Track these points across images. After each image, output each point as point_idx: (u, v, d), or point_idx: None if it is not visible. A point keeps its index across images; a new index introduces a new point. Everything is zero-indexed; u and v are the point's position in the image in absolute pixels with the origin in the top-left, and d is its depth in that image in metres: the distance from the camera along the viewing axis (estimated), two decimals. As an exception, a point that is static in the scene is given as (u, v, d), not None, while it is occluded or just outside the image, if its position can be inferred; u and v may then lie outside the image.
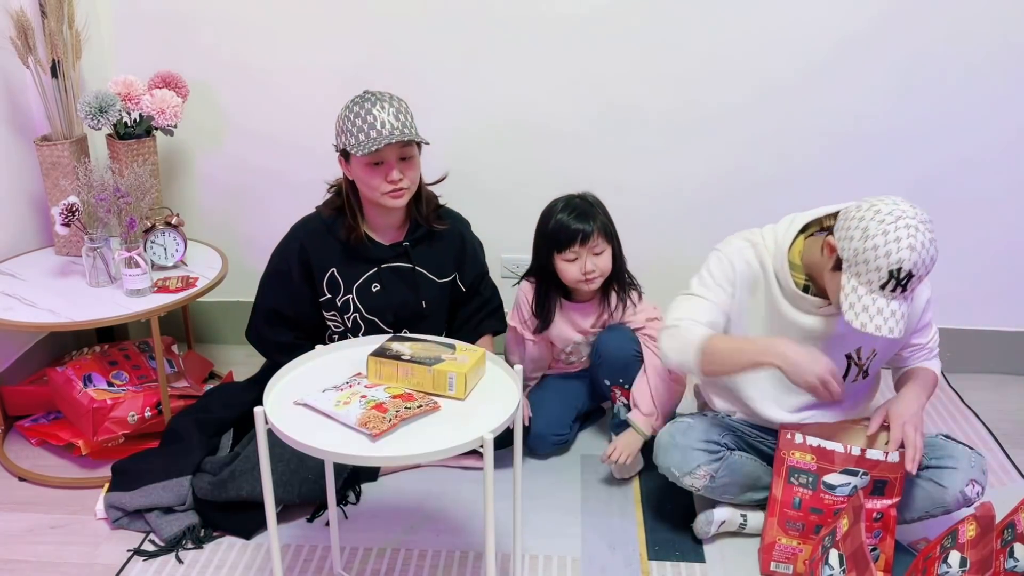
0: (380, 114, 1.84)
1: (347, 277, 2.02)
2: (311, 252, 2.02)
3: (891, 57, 2.40)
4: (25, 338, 2.48)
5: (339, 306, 2.04)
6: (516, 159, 2.56)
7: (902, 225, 1.55)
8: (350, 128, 1.86)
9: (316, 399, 1.46)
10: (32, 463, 2.21)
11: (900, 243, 1.54)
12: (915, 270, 1.55)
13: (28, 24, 2.25)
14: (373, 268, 2.02)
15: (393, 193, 1.91)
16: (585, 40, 2.43)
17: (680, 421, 1.93)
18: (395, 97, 1.90)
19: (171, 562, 1.88)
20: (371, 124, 1.84)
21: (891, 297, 1.58)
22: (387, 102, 1.87)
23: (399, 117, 1.86)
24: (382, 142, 1.83)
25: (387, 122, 1.84)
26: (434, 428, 1.42)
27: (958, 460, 1.79)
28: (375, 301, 2.02)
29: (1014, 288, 2.64)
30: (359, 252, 2.02)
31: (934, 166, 2.51)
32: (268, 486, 1.47)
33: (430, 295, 2.08)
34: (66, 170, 2.33)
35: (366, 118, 1.84)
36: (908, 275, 1.55)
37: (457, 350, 1.56)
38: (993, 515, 1.56)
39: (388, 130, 1.84)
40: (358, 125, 1.85)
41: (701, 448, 1.86)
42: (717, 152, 2.53)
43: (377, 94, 1.88)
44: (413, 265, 2.04)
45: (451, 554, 1.91)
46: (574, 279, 2.08)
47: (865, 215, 1.58)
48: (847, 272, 1.61)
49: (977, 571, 1.53)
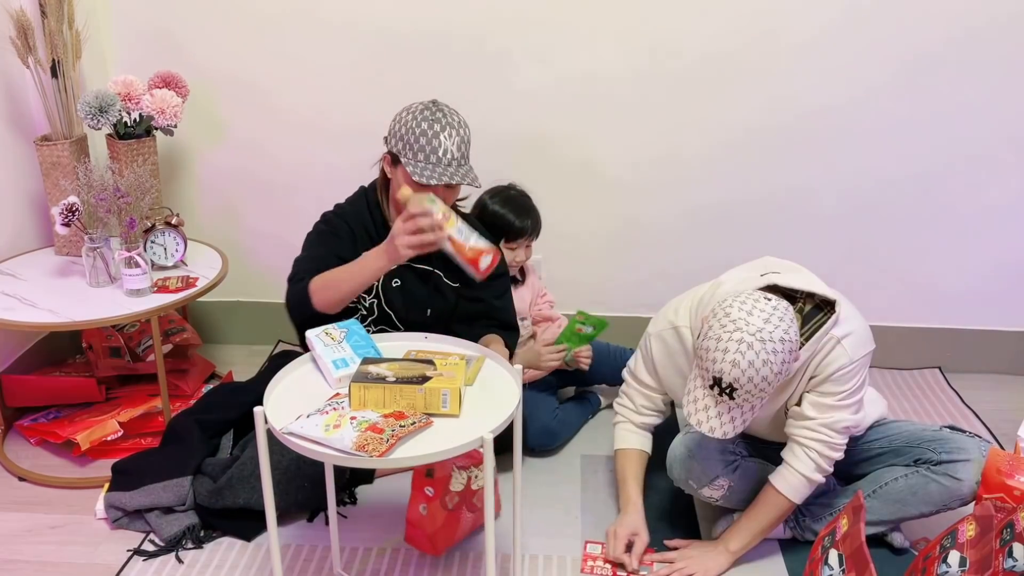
0: (445, 141, 1.80)
1: None
2: (354, 230, 1.99)
3: (891, 56, 2.41)
4: (25, 338, 2.48)
5: None
6: (516, 158, 2.57)
7: (736, 339, 1.54)
8: (411, 143, 1.82)
9: (303, 426, 1.38)
10: (32, 463, 2.21)
11: (726, 355, 1.55)
12: (736, 384, 1.55)
13: (28, 24, 2.25)
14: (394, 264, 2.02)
15: None
16: (582, 39, 2.44)
17: (693, 433, 1.89)
18: (462, 122, 1.85)
19: (171, 562, 1.88)
20: (434, 149, 1.80)
21: (717, 400, 1.60)
22: (454, 129, 1.82)
23: (461, 148, 1.83)
24: (440, 178, 1.80)
25: (450, 151, 1.81)
26: (434, 429, 1.42)
27: (970, 452, 1.80)
28: (394, 295, 2.01)
29: (1014, 288, 2.64)
30: None
31: (934, 166, 2.51)
32: (268, 485, 1.47)
33: (443, 302, 2.07)
34: (66, 170, 2.33)
35: (431, 140, 1.80)
36: (730, 387, 1.56)
37: (437, 364, 1.51)
38: (992, 515, 1.56)
39: (448, 159, 1.81)
40: (421, 144, 1.81)
41: (718, 459, 1.85)
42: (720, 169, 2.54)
43: (447, 115, 1.83)
44: (432, 268, 2.04)
45: (451, 554, 1.91)
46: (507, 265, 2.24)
47: (717, 312, 1.60)
48: (695, 360, 1.64)
49: (976, 571, 1.53)
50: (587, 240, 2.65)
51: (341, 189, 2.06)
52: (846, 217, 2.58)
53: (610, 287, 2.71)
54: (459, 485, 1.84)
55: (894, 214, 2.57)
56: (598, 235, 2.65)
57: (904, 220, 2.58)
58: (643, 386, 1.96)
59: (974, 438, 1.83)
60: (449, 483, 1.82)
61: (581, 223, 2.62)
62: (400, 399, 1.44)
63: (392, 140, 1.87)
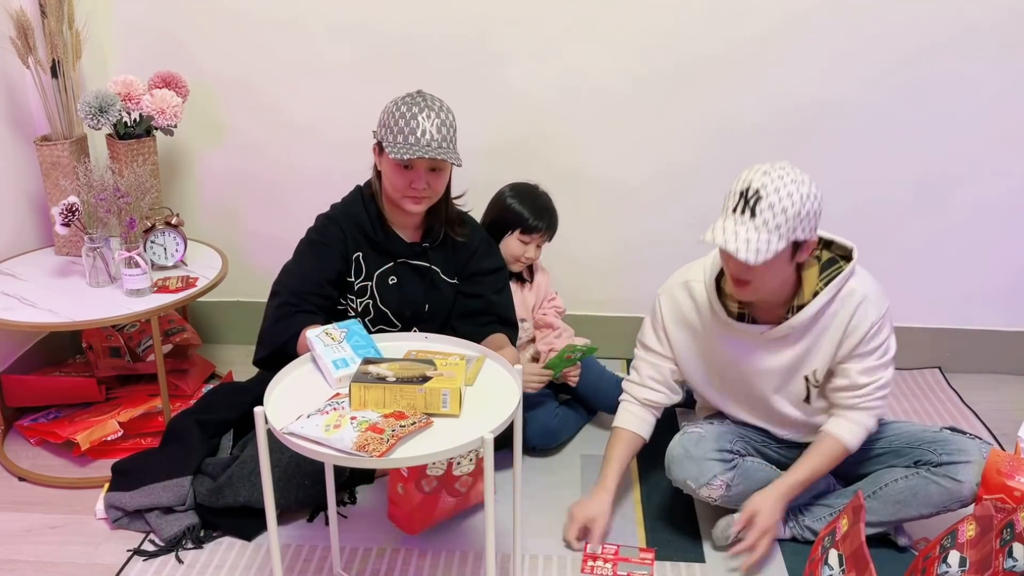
0: (424, 122, 1.82)
1: (370, 264, 2.02)
2: (346, 232, 2.01)
3: (891, 56, 2.41)
4: (25, 338, 2.48)
5: (356, 290, 2.03)
6: (516, 159, 2.57)
7: (764, 165, 1.62)
8: (391, 125, 1.85)
9: (303, 427, 1.38)
10: (32, 463, 2.21)
11: (756, 171, 1.61)
12: (763, 191, 1.58)
13: (28, 24, 2.25)
14: (391, 261, 2.03)
15: (413, 197, 1.91)
16: (583, 38, 2.44)
17: (690, 432, 1.91)
18: (444, 108, 1.87)
19: (171, 562, 1.88)
20: (412, 130, 1.82)
21: (740, 220, 1.61)
22: (434, 112, 1.84)
23: (441, 130, 1.84)
24: (415, 153, 1.82)
25: (428, 131, 1.82)
26: (434, 429, 1.42)
27: (970, 453, 1.80)
28: (391, 292, 2.02)
29: (1014, 288, 2.64)
30: (382, 243, 2.01)
31: (933, 165, 2.51)
32: (268, 485, 1.47)
33: (440, 298, 2.07)
34: (66, 170, 2.33)
35: (409, 122, 1.83)
36: (756, 194, 1.59)
37: (438, 364, 1.52)
38: (992, 515, 1.57)
39: (426, 140, 1.82)
40: (400, 126, 1.83)
41: (715, 458, 1.86)
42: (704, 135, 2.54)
43: (428, 100, 1.86)
44: (430, 264, 2.04)
45: (451, 554, 1.91)
46: (514, 256, 2.25)
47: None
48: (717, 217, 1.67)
49: (976, 571, 1.53)
50: (585, 243, 2.65)
51: (341, 189, 2.06)
52: (845, 217, 2.57)
53: (606, 288, 2.71)
54: (438, 470, 1.85)
55: (893, 213, 2.57)
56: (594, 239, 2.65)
57: (903, 219, 2.58)
58: (650, 353, 1.96)
59: (975, 440, 1.83)
60: (425, 468, 1.83)
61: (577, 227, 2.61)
62: (400, 399, 1.44)
63: (378, 130, 1.91)
